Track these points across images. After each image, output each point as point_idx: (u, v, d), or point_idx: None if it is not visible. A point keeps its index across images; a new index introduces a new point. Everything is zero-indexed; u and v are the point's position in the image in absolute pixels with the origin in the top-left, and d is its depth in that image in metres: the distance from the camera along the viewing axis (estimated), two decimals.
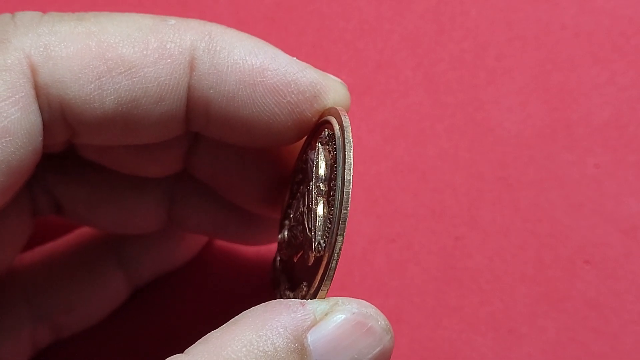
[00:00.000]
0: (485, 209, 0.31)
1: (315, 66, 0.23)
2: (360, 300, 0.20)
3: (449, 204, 0.32)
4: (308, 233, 0.21)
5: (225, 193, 0.26)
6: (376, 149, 0.33)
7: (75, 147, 0.25)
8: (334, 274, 0.20)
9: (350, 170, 0.20)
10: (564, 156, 0.32)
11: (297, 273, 0.23)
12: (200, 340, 0.19)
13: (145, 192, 0.27)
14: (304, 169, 0.23)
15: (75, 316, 0.28)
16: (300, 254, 0.22)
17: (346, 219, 0.20)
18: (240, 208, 0.27)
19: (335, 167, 0.21)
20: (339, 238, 0.20)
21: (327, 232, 0.20)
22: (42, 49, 0.20)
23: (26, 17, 0.21)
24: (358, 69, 0.34)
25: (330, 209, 0.21)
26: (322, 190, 0.21)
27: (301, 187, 0.23)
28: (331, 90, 0.22)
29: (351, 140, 0.21)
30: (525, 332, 0.30)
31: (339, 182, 0.20)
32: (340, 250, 0.20)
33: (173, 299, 0.31)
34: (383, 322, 0.20)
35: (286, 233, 0.24)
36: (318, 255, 0.20)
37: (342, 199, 0.20)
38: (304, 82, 0.22)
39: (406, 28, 0.34)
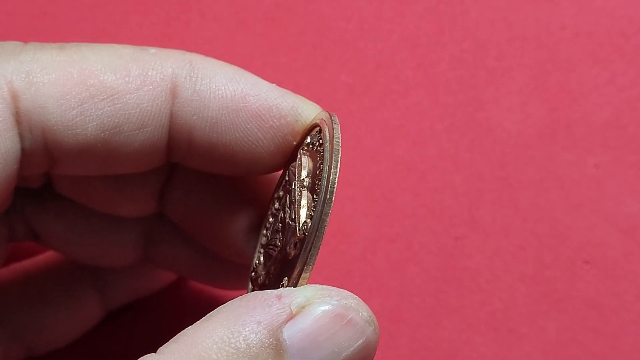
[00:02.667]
0: (485, 209, 0.31)
1: (315, 66, 0.23)
2: (341, 290, 0.19)
3: (449, 204, 0.32)
4: (291, 222, 0.21)
5: (198, 236, 0.26)
6: (376, 149, 0.33)
7: (52, 182, 0.25)
8: (318, 250, 0.19)
9: (338, 138, 0.20)
10: (564, 156, 0.32)
11: (274, 284, 0.22)
12: (173, 338, 0.19)
13: (121, 230, 0.27)
14: (285, 187, 0.23)
15: (49, 336, 0.28)
16: (277, 262, 0.22)
17: (335, 184, 0.20)
18: (213, 252, 0.27)
19: (320, 163, 0.21)
20: (328, 203, 0.19)
21: (313, 209, 0.20)
22: (24, 76, 0.20)
23: (8, 46, 0.21)
24: (358, 69, 0.34)
25: (316, 191, 0.20)
26: (307, 183, 0.21)
27: (279, 212, 0.23)
28: (311, 115, 0.22)
29: (338, 122, 0.21)
30: (525, 332, 0.30)
31: (326, 155, 0.20)
32: (327, 220, 0.19)
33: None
34: (365, 314, 0.19)
35: (261, 258, 0.24)
36: (302, 236, 0.20)
37: (332, 162, 0.20)
38: (285, 107, 0.22)
39: (406, 28, 0.34)
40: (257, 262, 0.24)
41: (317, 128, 0.22)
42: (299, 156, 0.22)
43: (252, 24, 0.35)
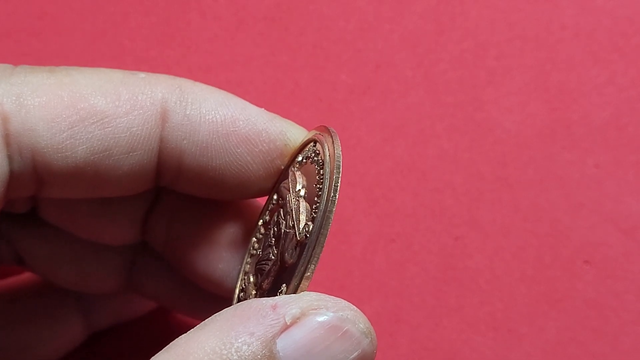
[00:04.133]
0: (485, 209, 0.31)
1: (315, 66, 0.23)
2: (338, 300, 0.19)
3: (449, 204, 0.32)
4: (288, 230, 0.21)
5: (178, 265, 0.26)
6: (376, 149, 0.33)
7: (37, 208, 0.25)
8: (322, 247, 0.19)
9: (338, 147, 0.20)
10: (564, 156, 0.32)
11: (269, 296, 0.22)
12: (166, 347, 0.18)
13: (105, 258, 0.27)
14: (274, 208, 0.23)
15: (31, 356, 0.28)
16: (272, 274, 0.22)
17: (338, 183, 0.20)
18: (194, 284, 0.26)
19: (317, 172, 0.21)
20: (332, 200, 0.19)
21: (313, 213, 0.20)
22: (14, 98, 0.20)
23: None
24: (358, 69, 0.34)
25: (317, 196, 0.20)
26: (303, 193, 0.21)
27: (269, 230, 0.23)
28: (299, 139, 0.23)
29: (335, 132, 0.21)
30: (525, 332, 0.30)
31: (327, 158, 0.20)
32: (331, 217, 0.19)
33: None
34: (362, 325, 0.19)
35: (251, 278, 0.24)
36: (303, 238, 0.20)
37: (334, 164, 0.20)
38: (274, 131, 0.22)
39: (406, 28, 0.34)
40: (244, 285, 0.24)
41: (311, 143, 0.22)
42: (290, 174, 0.22)
43: (252, 24, 0.35)
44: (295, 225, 0.21)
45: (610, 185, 0.31)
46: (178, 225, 0.25)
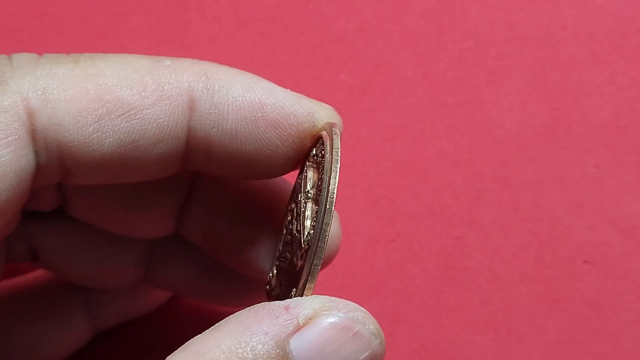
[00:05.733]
0: (485, 209, 0.31)
1: (316, 66, 0.23)
2: (348, 302, 0.19)
3: (449, 204, 0.32)
4: (297, 234, 0.21)
5: (215, 254, 0.26)
6: (376, 149, 0.33)
7: (66, 206, 0.25)
8: (321, 260, 0.19)
9: (338, 150, 0.20)
10: (564, 156, 0.32)
11: (285, 296, 0.22)
12: (182, 346, 0.19)
13: (124, 250, 0.27)
14: (295, 199, 0.23)
15: (37, 356, 0.28)
16: (287, 274, 0.22)
17: (334, 192, 0.20)
18: (228, 269, 0.27)
19: (322, 174, 0.21)
20: (328, 214, 0.19)
21: (315, 219, 0.20)
22: (40, 92, 0.20)
23: (23, 59, 0.21)
24: (358, 69, 0.34)
25: (319, 201, 0.20)
26: (311, 194, 0.21)
27: (290, 224, 0.23)
28: (326, 117, 0.23)
29: (339, 133, 0.21)
30: (525, 332, 0.30)
31: (327, 165, 0.20)
32: (328, 229, 0.19)
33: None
34: (372, 327, 0.19)
35: (275, 271, 0.24)
36: (306, 247, 0.20)
37: (331, 173, 0.20)
38: (302, 113, 0.22)
39: (406, 28, 0.34)
40: (272, 274, 0.24)
41: (321, 139, 0.22)
42: (305, 168, 0.22)
43: (252, 24, 0.35)
44: (302, 231, 0.21)
45: (610, 185, 0.31)
46: (215, 214, 0.25)
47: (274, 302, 0.19)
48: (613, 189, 0.31)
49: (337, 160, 0.20)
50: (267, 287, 0.24)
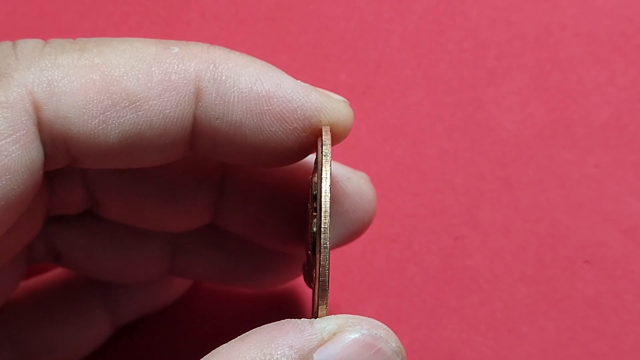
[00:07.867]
0: (485, 209, 0.31)
1: (315, 66, 0.23)
2: (371, 320, 0.20)
3: (449, 204, 0.32)
4: (309, 252, 0.21)
5: (255, 238, 0.26)
6: (376, 149, 0.33)
7: (97, 207, 0.25)
8: (326, 284, 0.20)
9: (327, 179, 0.20)
10: (564, 156, 0.32)
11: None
12: (207, 355, 0.19)
13: (150, 243, 0.27)
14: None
15: (58, 355, 0.28)
16: (309, 262, 0.22)
17: (327, 227, 0.20)
18: (258, 250, 0.27)
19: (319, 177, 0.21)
20: (323, 249, 0.19)
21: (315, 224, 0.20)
22: (45, 85, 0.20)
23: (28, 47, 0.21)
24: (358, 69, 0.34)
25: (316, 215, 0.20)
26: (315, 208, 0.21)
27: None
28: (335, 112, 0.22)
29: (329, 153, 0.20)
30: (525, 332, 0.30)
31: (318, 195, 0.20)
32: (327, 260, 0.19)
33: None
34: (394, 344, 0.20)
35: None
36: (311, 249, 0.20)
37: (321, 207, 0.20)
38: (309, 108, 0.22)
39: (406, 28, 0.34)
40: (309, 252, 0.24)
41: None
42: (313, 167, 0.22)
43: (252, 24, 0.35)
44: (309, 234, 0.21)
45: (610, 185, 0.31)
46: (250, 200, 0.25)
47: (298, 320, 0.20)
48: (613, 189, 0.31)
49: (328, 170, 0.20)
50: (305, 266, 0.24)
